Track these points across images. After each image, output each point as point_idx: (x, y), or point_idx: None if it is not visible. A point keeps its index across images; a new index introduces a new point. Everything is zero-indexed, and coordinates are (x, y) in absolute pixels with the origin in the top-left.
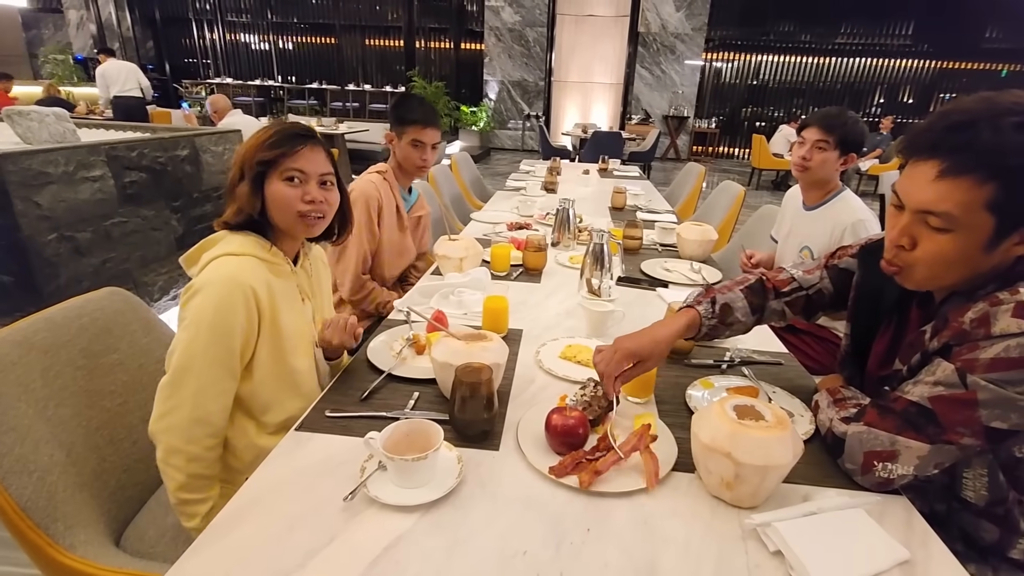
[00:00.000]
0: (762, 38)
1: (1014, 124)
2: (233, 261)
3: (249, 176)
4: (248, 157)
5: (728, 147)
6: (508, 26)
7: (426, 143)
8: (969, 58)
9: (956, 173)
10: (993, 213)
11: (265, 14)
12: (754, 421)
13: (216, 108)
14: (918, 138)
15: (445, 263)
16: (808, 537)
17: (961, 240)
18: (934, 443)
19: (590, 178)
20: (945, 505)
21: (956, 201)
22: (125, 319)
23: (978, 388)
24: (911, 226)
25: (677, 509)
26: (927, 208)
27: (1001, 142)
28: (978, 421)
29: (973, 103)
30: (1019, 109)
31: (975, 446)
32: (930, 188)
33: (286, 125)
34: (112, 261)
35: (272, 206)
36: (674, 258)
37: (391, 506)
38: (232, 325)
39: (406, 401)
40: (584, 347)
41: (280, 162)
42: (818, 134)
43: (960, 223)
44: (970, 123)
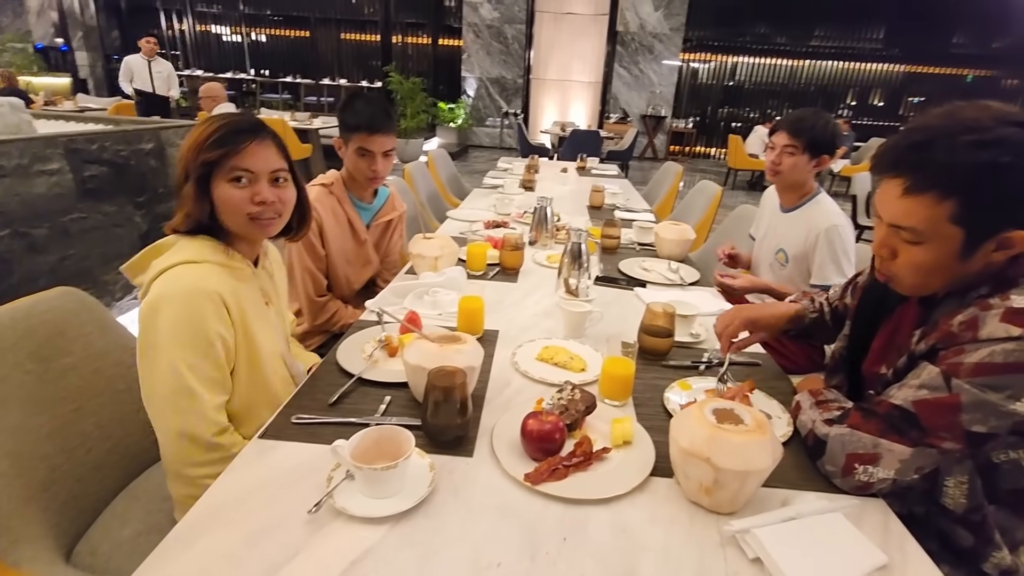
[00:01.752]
0: (738, 39)
1: (970, 143)
2: (192, 269)
3: (193, 178)
4: (190, 157)
5: (705, 147)
6: (487, 22)
7: (375, 152)
8: (936, 63)
9: (917, 191)
10: (959, 225)
11: (237, 5)
12: (733, 425)
13: (212, 95)
14: (885, 155)
15: (419, 262)
16: (787, 544)
17: (933, 251)
18: (916, 446)
19: (568, 176)
20: (924, 508)
21: (921, 217)
22: (79, 320)
23: (962, 392)
24: (888, 238)
25: (655, 516)
26: (896, 223)
27: (956, 161)
28: (960, 425)
29: (934, 119)
30: (976, 126)
31: (956, 451)
32: (897, 205)
33: (229, 118)
34: (71, 259)
35: (221, 209)
36: (652, 257)
37: (359, 518)
38: (211, 338)
39: (377, 406)
40: (561, 348)
41: (225, 161)
42: (787, 139)
43: (928, 236)
44: (928, 142)
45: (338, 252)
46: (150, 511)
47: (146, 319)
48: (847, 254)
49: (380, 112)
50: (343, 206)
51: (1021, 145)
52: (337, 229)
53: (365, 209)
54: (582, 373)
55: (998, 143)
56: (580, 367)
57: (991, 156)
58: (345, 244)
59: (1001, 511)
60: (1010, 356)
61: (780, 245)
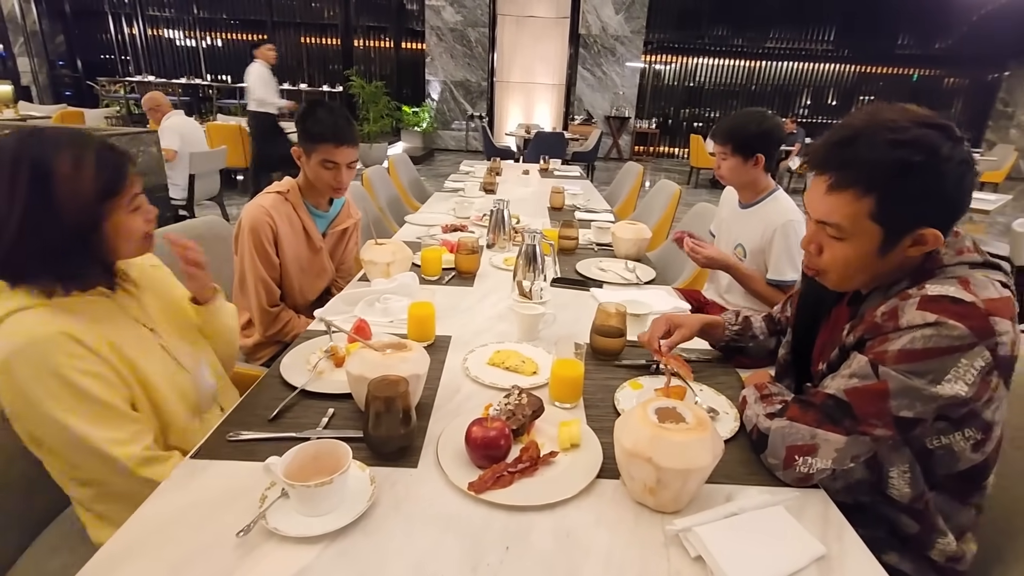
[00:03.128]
0: (697, 41)
1: (888, 141)
2: (27, 316)
3: (83, 221)
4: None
5: (668, 147)
6: (450, 26)
7: (340, 163)
8: (884, 63)
9: (840, 187)
10: (877, 222)
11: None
12: (675, 424)
13: (154, 105)
14: (815, 154)
15: (372, 268)
16: (728, 540)
17: (855, 247)
18: (850, 435)
19: (530, 178)
20: (870, 499)
21: (843, 213)
22: None
23: (889, 378)
24: (815, 234)
25: (601, 518)
26: (822, 219)
27: (875, 159)
28: (889, 412)
29: (859, 119)
30: (896, 126)
31: (887, 437)
32: (823, 201)
33: (103, 147)
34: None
35: (121, 239)
36: (609, 257)
37: (292, 538)
38: (76, 379)
39: (319, 419)
40: (513, 352)
41: (125, 193)
42: (717, 147)
43: (850, 232)
44: (851, 139)
45: (292, 261)
46: (83, 540)
47: (2, 384)
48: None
49: (344, 123)
50: (299, 213)
51: (933, 146)
52: (292, 237)
53: (321, 217)
54: (534, 376)
55: (912, 143)
56: (532, 370)
57: (905, 155)
58: (300, 252)
59: (941, 496)
60: (928, 342)
61: (738, 240)
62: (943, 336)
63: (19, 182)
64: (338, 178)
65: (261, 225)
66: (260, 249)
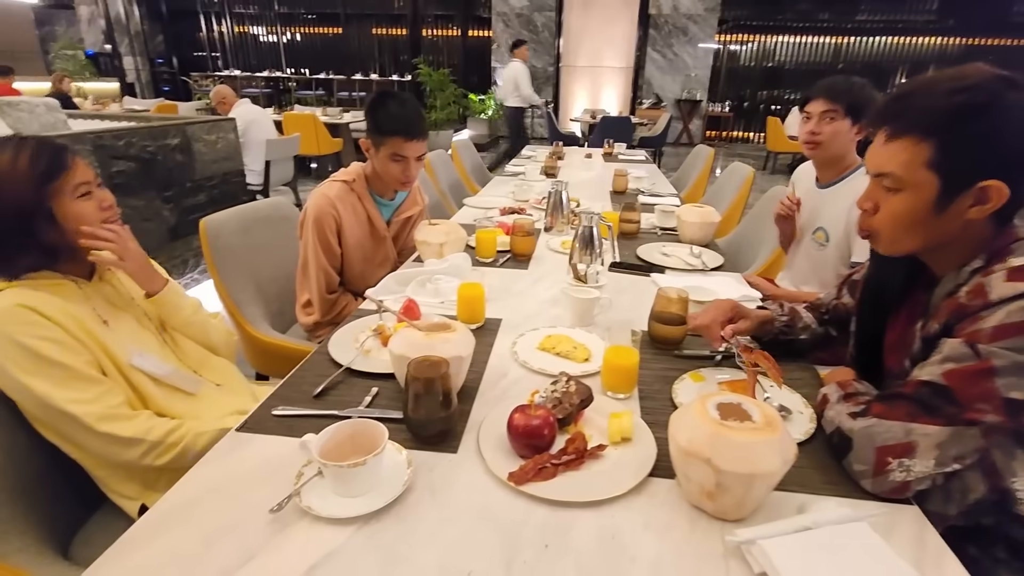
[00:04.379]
0: (778, 18)
1: (946, 89)
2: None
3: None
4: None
5: (743, 131)
6: (516, 11)
7: (409, 157)
8: (997, 34)
9: (897, 135)
10: (934, 171)
11: (272, 5)
12: (739, 422)
13: (222, 98)
14: (875, 112)
15: (425, 249)
16: (799, 558)
17: (911, 199)
18: (954, 424)
19: (593, 162)
20: (993, 519)
21: (900, 161)
22: None
23: (992, 355)
24: (873, 191)
25: (651, 521)
26: (879, 171)
27: (932, 105)
28: (997, 393)
29: (922, 77)
30: (956, 76)
31: (997, 423)
32: (880, 152)
33: (40, 144)
34: None
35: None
36: (674, 242)
37: (324, 518)
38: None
39: (362, 398)
40: (565, 337)
41: (65, 179)
42: (824, 104)
43: (906, 182)
44: (911, 92)
45: (355, 248)
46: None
47: None
48: None
49: (415, 116)
50: (363, 203)
51: (994, 90)
52: (356, 226)
53: (386, 205)
54: (586, 363)
55: (972, 88)
56: (584, 357)
57: (965, 99)
58: (363, 241)
59: None
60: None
61: (819, 223)
62: None
63: None
64: (407, 172)
65: (325, 216)
66: (323, 239)
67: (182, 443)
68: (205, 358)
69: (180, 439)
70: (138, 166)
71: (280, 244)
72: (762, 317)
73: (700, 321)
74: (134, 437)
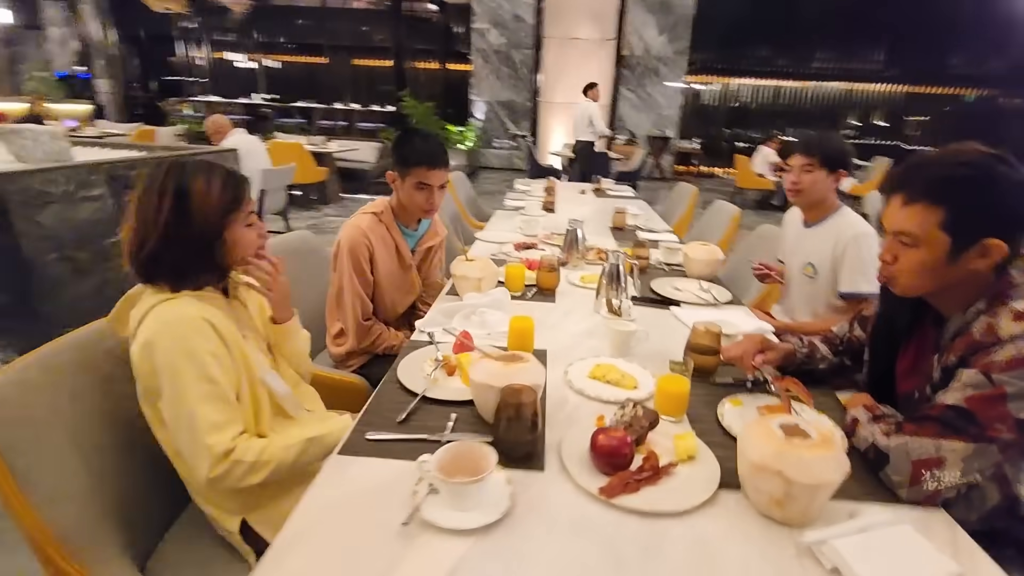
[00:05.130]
0: (741, 62)
1: (958, 162)
2: (172, 304)
3: (208, 231)
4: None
5: (710, 167)
6: (494, 48)
7: (433, 185)
8: (935, 83)
9: (913, 200)
10: (946, 232)
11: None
12: (802, 440)
13: (217, 128)
14: (893, 178)
15: (463, 283)
16: (864, 554)
17: (926, 253)
18: (977, 442)
19: (586, 198)
20: (1005, 523)
21: (916, 222)
22: None
23: (1004, 384)
24: (891, 245)
25: (729, 530)
26: (897, 229)
27: (946, 175)
28: (1010, 414)
29: (929, 153)
30: (960, 151)
31: (1012, 440)
32: (899, 214)
33: (228, 174)
34: (112, 281)
35: (237, 249)
36: (680, 277)
37: (447, 530)
38: (205, 359)
39: (441, 423)
40: (612, 367)
41: (243, 209)
42: (802, 159)
43: (922, 240)
44: (926, 163)
45: (385, 277)
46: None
47: (141, 362)
48: (875, 262)
49: (438, 148)
50: (391, 233)
51: (988, 165)
52: (386, 256)
53: (410, 235)
54: (635, 391)
55: (972, 163)
56: (632, 385)
57: (967, 172)
58: (392, 270)
59: None
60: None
61: (808, 259)
62: None
63: (165, 201)
64: (430, 199)
65: (359, 245)
66: (358, 267)
67: (274, 460)
68: (297, 383)
69: (272, 456)
70: None
71: (307, 277)
72: (787, 350)
73: (734, 353)
74: (237, 459)
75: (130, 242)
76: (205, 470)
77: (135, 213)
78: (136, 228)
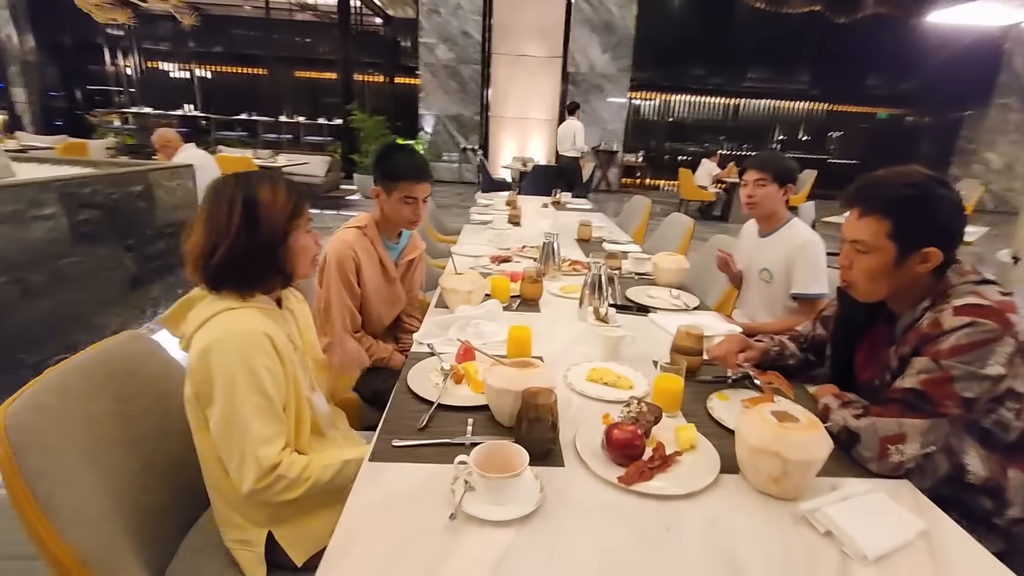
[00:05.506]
0: (679, 79)
1: (904, 183)
2: (236, 313)
3: (274, 237)
4: (278, 222)
5: (654, 179)
6: (443, 63)
7: (418, 198)
8: (853, 103)
9: (866, 214)
10: (893, 241)
11: (186, 42)
12: (792, 423)
13: (165, 142)
14: (851, 194)
15: (453, 296)
16: (851, 517)
17: (877, 259)
18: (931, 418)
19: (547, 211)
20: (950, 489)
21: (869, 232)
22: (147, 363)
23: (951, 368)
24: (848, 252)
25: (735, 505)
26: (853, 238)
27: (890, 193)
28: (956, 394)
29: (879, 172)
30: (904, 173)
31: (958, 415)
32: (854, 225)
33: (289, 183)
34: (67, 304)
35: (299, 255)
36: (650, 285)
37: (490, 522)
38: (261, 373)
39: (459, 427)
40: (607, 370)
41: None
42: (757, 174)
43: (873, 247)
44: (878, 182)
45: (372, 291)
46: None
47: (199, 367)
48: (822, 266)
49: (422, 162)
50: (375, 246)
51: (928, 186)
52: (371, 268)
53: (393, 248)
54: (631, 390)
55: (914, 184)
56: (628, 385)
57: (909, 191)
58: (378, 282)
59: (1012, 469)
60: (971, 337)
61: (764, 265)
62: (979, 332)
63: (235, 209)
64: (416, 212)
65: (345, 259)
66: (345, 280)
67: (313, 477)
68: (328, 401)
69: (312, 474)
70: (102, 214)
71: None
72: (763, 348)
73: (718, 352)
74: (281, 474)
75: (198, 251)
76: (251, 481)
77: (204, 223)
78: (206, 237)
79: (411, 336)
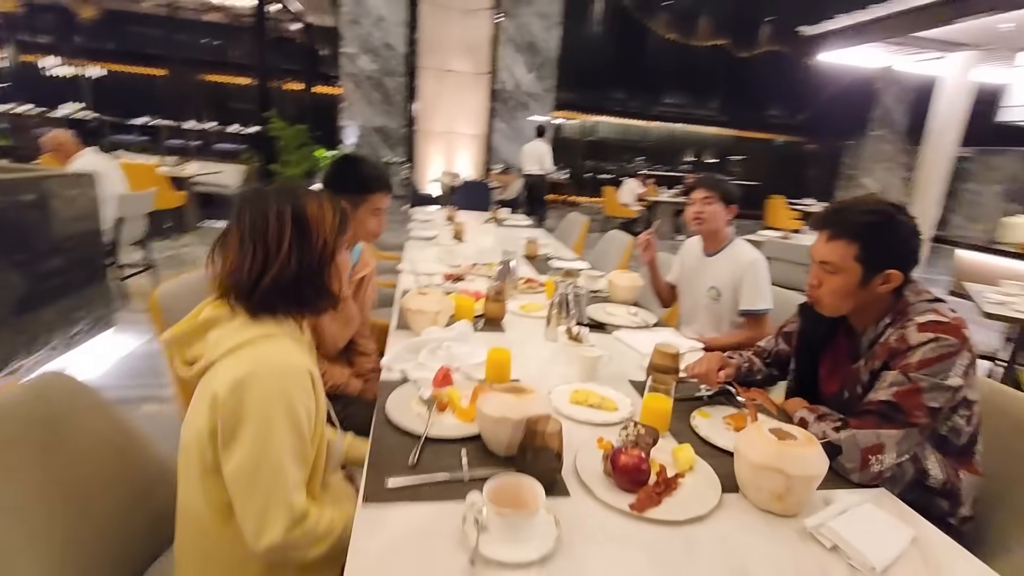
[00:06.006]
0: (600, 102)
1: (869, 210)
2: (275, 344)
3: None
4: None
5: (577, 196)
6: (366, 74)
7: (383, 209)
8: (759, 129)
9: (835, 238)
10: (859, 263)
11: (71, 37)
12: (791, 440)
13: (57, 145)
14: (820, 218)
15: (419, 318)
16: (854, 530)
17: (844, 279)
18: (904, 427)
19: (488, 227)
20: (913, 494)
21: (837, 255)
22: (74, 407)
23: (919, 380)
24: (817, 272)
25: (741, 524)
26: (822, 259)
27: (859, 219)
28: (924, 404)
29: (847, 200)
30: (868, 202)
31: (927, 425)
32: (824, 248)
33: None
34: None
35: (343, 273)
36: (605, 303)
37: (512, 564)
38: (300, 414)
39: (451, 461)
40: (590, 392)
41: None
42: (704, 193)
43: (840, 268)
44: (846, 208)
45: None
46: None
47: (229, 400)
48: (767, 283)
49: (385, 171)
50: None
51: (890, 214)
52: None
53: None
54: (616, 412)
55: (878, 212)
56: (613, 407)
57: (878, 219)
58: None
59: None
60: (935, 351)
61: (711, 283)
62: (941, 346)
63: (285, 226)
64: (381, 223)
65: None
66: None
67: (337, 530)
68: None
69: (336, 526)
70: None
71: None
72: (736, 365)
73: (698, 370)
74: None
75: (243, 275)
76: (279, 530)
77: (246, 243)
78: (252, 259)
79: (367, 359)
